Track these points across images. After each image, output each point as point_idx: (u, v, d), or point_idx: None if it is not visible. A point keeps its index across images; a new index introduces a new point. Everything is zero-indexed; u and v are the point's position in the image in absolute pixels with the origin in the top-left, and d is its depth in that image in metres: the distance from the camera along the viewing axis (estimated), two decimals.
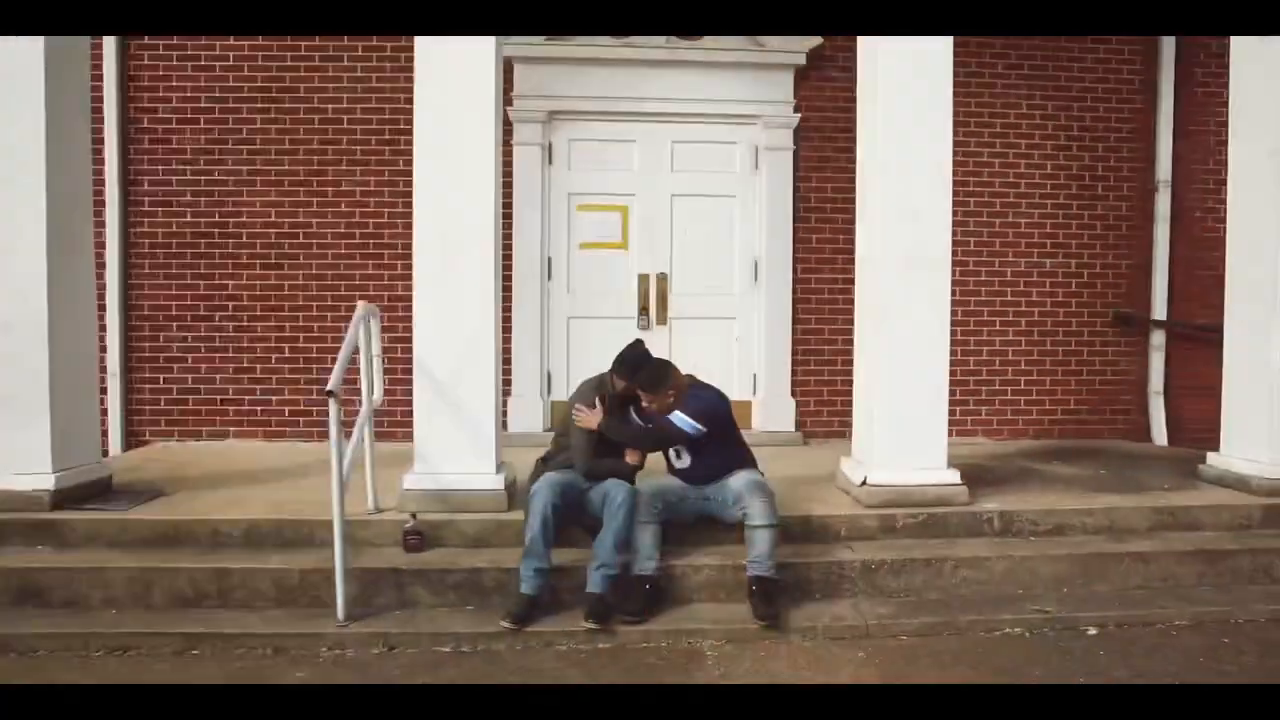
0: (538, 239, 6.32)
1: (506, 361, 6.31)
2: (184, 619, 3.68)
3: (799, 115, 6.43)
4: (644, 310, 6.39)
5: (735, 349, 6.46)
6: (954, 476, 4.47)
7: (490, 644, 3.61)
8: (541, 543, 3.71)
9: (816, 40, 6.30)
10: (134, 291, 6.31)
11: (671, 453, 4.14)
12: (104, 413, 6.20)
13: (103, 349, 6.20)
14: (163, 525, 4.12)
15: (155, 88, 6.25)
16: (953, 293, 4.57)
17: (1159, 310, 6.68)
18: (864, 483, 4.44)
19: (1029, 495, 4.68)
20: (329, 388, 3.62)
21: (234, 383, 6.35)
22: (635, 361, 4.04)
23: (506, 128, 6.24)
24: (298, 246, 6.33)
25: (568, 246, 6.40)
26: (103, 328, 6.19)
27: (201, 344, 6.33)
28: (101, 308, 6.19)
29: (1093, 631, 3.73)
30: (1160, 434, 6.64)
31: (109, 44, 6.08)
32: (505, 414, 6.26)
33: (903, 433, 4.44)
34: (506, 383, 6.33)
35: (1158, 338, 6.71)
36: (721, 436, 4.02)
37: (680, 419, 3.94)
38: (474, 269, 4.27)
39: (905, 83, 4.39)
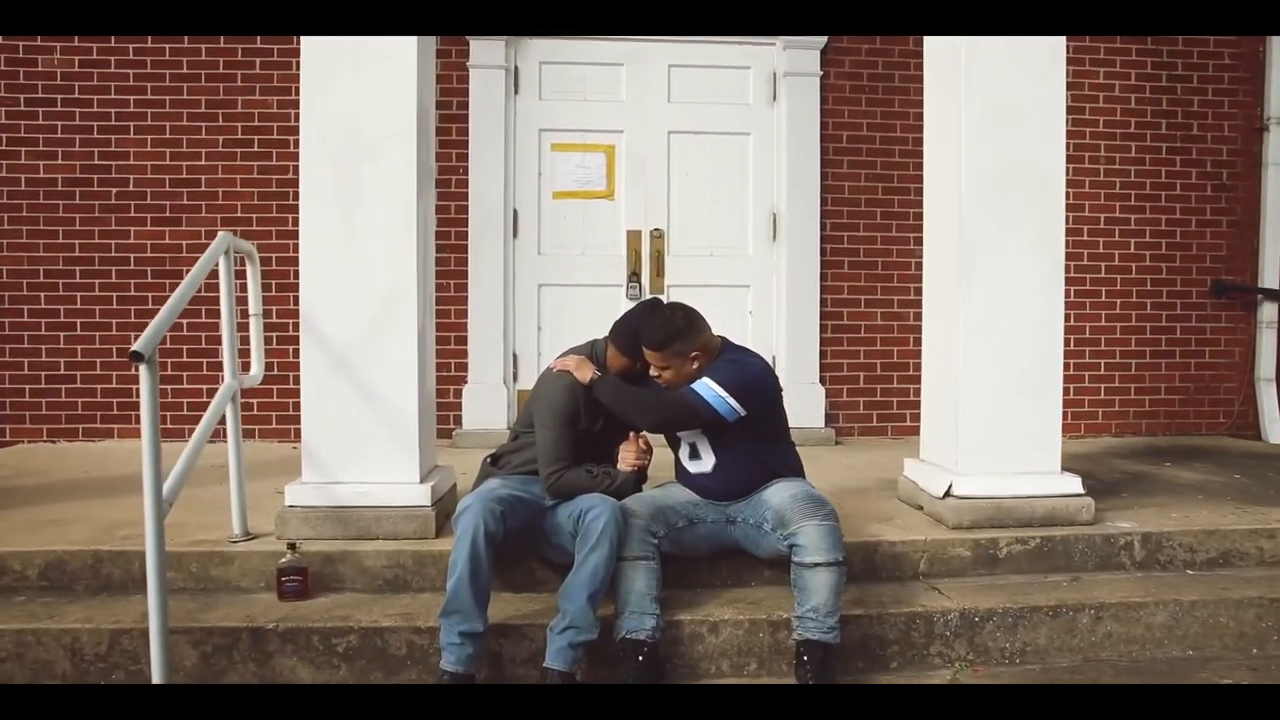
0: (500, 186, 5.01)
1: (461, 340, 5.05)
2: None
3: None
4: (634, 276, 5.09)
5: (749, 324, 5.16)
6: (1073, 484, 3.18)
7: None
8: (469, 591, 2.39)
9: None
10: None
11: (684, 450, 2.83)
12: None
13: None
14: None
15: None
16: None
17: (1269, 277, 5.41)
18: (947, 494, 3.14)
19: (1166, 509, 3.39)
20: (135, 348, 2.30)
21: (118, 368, 5.02)
22: (641, 316, 2.76)
23: (460, 45, 4.96)
24: (199, 195, 5.01)
25: (538, 196, 5.10)
26: None
27: (78, 319, 5.00)
28: None
29: None
30: (1274, 429, 5.36)
31: None
32: (460, 406, 5.01)
33: (1000, 425, 3.16)
34: (461, 366, 5.05)
35: (1267, 311, 5.44)
36: (764, 427, 2.72)
37: (709, 389, 2.63)
38: (386, 190, 2.97)
39: None
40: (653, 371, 2.75)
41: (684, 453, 2.82)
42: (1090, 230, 5.39)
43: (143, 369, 2.31)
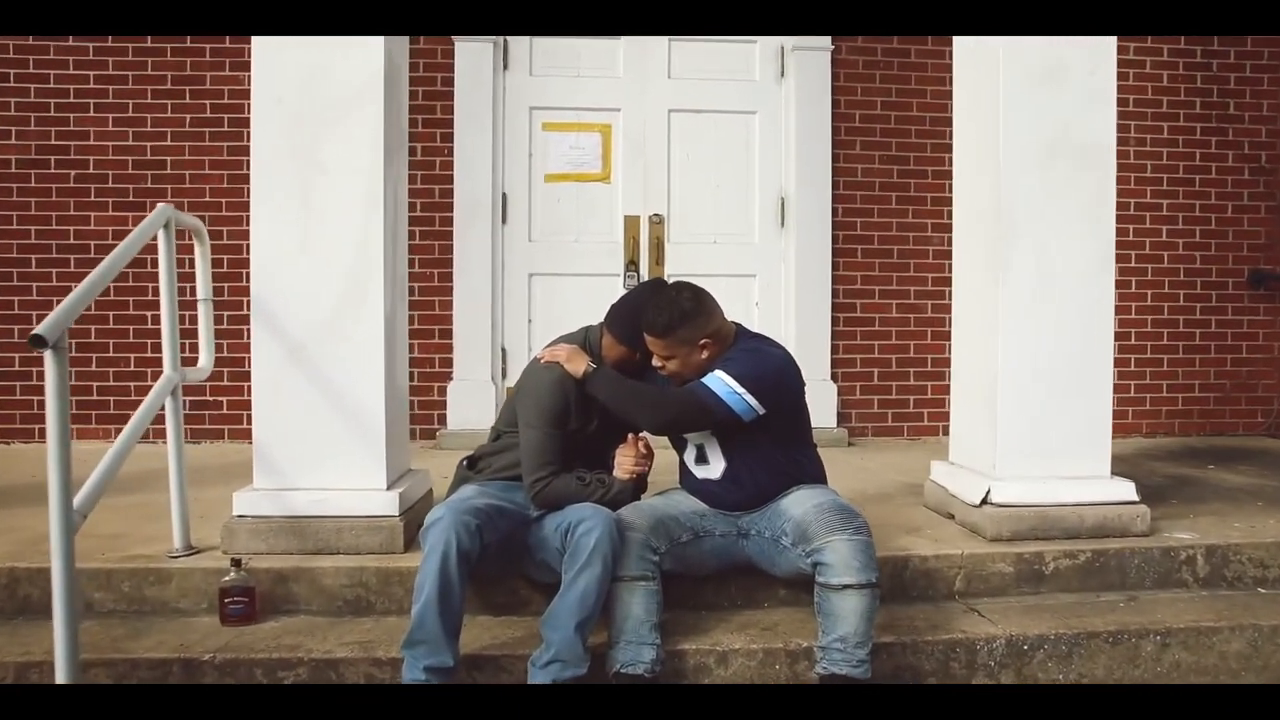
0: (488, 169, 4.66)
1: (446, 334, 4.71)
2: None
3: None
4: (632, 264, 4.74)
5: (755, 316, 4.81)
6: (1125, 490, 2.83)
7: None
8: (437, 619, 2.04)
9: None
10: None
11: (690, 453, 2.47)
12: None
13: None
14: None
15: None
16: None
17: None
18: (984, 501, 2.78)
19: (1226, 518, 3.04)
20: (38, 331, 1.96)
21: (78, 364, 4.65)
22: (642, 298, 2.40)
23: None
24: (164, 179, 4.65)
25: (529, 179, 4.75)
26: None
27: (33, 311, 4.62)
28: None
29: None
30: None
31: None
32: (445, 405, 4.67)
33: (1043, 424, 2.80)
34: (446, 362, 4.71)
35: None
36: (783, 427, 2.36)
37: (722, 383, 2.27)
38: (350, 157, 2.62)
39: None
40: (655, 362, 2.40)
41: (690, 456, 2.45)
42: (1120, 216, 4.89)
43: (48, 357, 1.97)
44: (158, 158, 4.66)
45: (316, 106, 2.60)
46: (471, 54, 4.66)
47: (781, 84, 4.83)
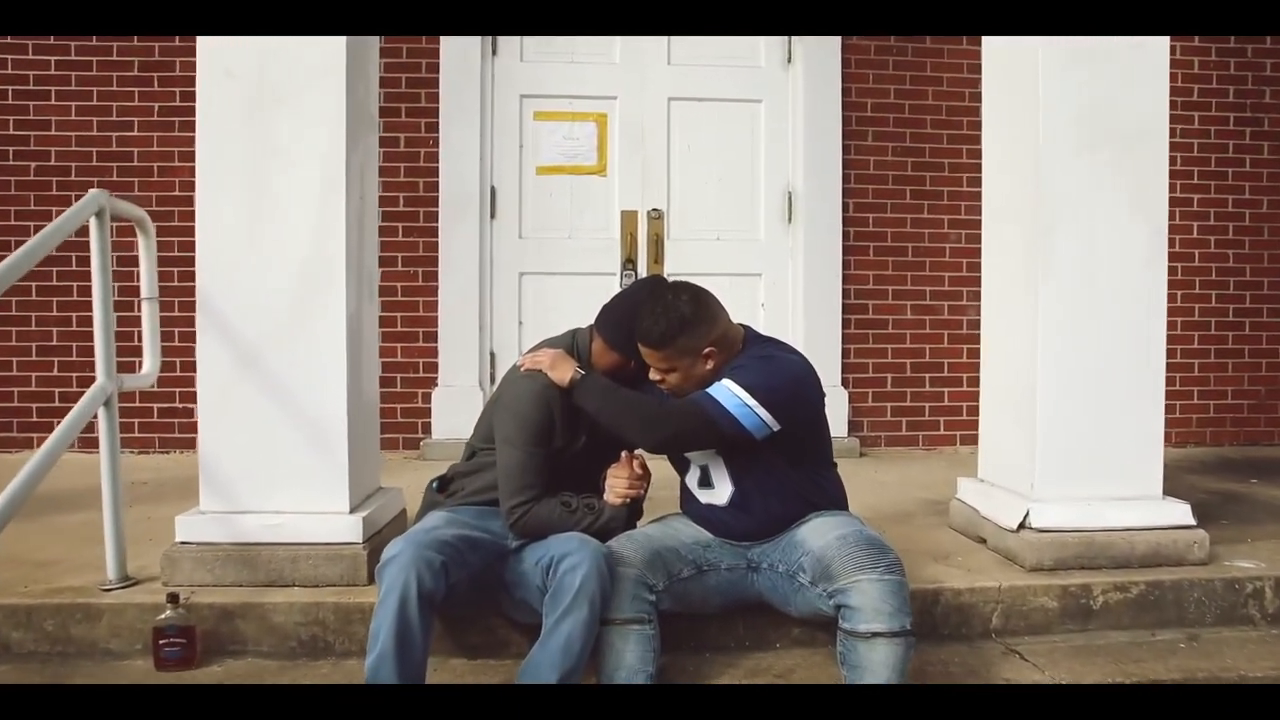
0: (475, 161, 4.38)
1: (431, 337, 4.43)
2: None
3: None
4: (629, 262, 4.45)
5: (761, 317, 4.52)
6: (1180, 513, 2.53)
7: None
8: (394, 672, 1.74)
9: None
10: None
11: (692, 475, 2.17)
12: None
13: None
14: None
15: None
16: None
17: None
18: (1022, 526, 2.48)
19: None
20: None
21: (38, 369, 4.39)
22: (636, 301, 2.10)
23: None
24: (131, 171, 4.37)
25: (520, 171, 4.46)
26: None
27: None
28: None
29: None
30: None
31: None
32: (429, 413, 4.39)
33: (1089, 438, 2.50)
34: (431, 367, 4.43)
35: None
36: (800, 446, 2.06)
37: (730, 395, 1.97)
38: (310, 138, 2.32)
39: None
40: (654, 376, 2.09)
41: (693, 478, 2.14)
42: None
43: None
44: (124, 149, 4.39)
45: (274, 82, 2.30)
46: (458, 39, 4.37)
47: (788, 70, 4.54)
